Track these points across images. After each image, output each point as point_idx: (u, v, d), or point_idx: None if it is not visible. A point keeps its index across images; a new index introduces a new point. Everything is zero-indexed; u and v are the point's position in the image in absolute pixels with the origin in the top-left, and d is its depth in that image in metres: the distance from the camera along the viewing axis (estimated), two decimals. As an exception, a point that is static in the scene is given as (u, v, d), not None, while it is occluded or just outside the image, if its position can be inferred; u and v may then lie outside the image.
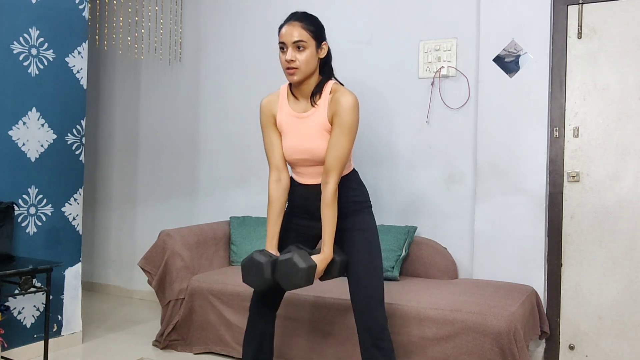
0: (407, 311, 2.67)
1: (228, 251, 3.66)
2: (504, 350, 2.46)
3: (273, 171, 2.26)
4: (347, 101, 2.09)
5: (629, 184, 3.00)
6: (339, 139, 2.10)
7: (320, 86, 2.17)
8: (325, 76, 2.20)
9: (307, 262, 2.04)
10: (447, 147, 3.43)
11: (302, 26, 2.11)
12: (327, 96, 2.16)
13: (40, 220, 3.14)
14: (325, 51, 2.19)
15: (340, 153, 2.10)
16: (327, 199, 2.11)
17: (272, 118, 2.27)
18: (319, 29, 2.17)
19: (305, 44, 2.10)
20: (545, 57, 3.12)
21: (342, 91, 2.14)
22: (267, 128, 2.29)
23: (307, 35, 2.11)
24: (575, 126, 3.11)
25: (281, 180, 2.24)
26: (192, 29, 4.35)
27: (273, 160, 2.26)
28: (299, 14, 2.17)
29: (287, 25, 2.14)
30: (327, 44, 2.21)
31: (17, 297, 2.99)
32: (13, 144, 3.00)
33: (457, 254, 3.38)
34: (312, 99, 2.18)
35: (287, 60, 2.11)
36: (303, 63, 2.10)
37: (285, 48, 2.12)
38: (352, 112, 2.10)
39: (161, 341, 3.28)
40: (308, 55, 2.11)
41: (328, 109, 2.14)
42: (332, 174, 2.11)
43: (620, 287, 3.01)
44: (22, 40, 3.01)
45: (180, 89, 4.41)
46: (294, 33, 2.10)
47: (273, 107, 2.27)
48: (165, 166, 4.48)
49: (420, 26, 3.51)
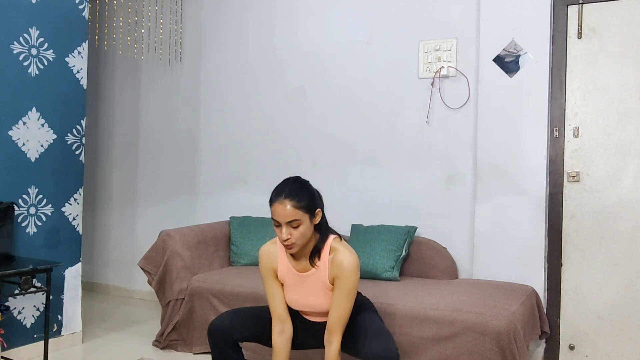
0: (407, 311, 2.67)
1: (228, 251, 3.66)
2: (504, 350, 2.46)
3: (276, 322, 2.27)
4: (348, 265, 2.12)
5: (629, 184, 3.00)
6: (340, 300, 2.14)
7: (319, 246, 2.19)
8: (322, 235, 2.20)
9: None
10: (447, 147, 3.43)
11: (293, 205, 2.07)
12: (327, 256, 2.18)
13: (40, 220, 3.14)
14: (319, 217, 2.18)
15: (342, 313, 2.15)
16: (331, 358, 2.15)
17: (273, 271, 2.29)
18: (310, 200, 2.13)
19: (299, 221, 2.09)
20: (545, 57, 3.12)
21: (342, 252, 2.15)
22: (267, 280, 2.30)
23: (300, 212, 2.08)
24: (575, 126, 3.11)
25: (285, 332, 2.26)
26: (192, 29, 4.35)
27: (276, 311, 2.27)
28: (288, 187, 2.13)
29: (278, 203, 2.09)
30: (321, 208, 2.19)
31: (17, 297, 2.99)
32: (13, 144, 3.00)
33: (457, 254, 3.38)
34: (311, 260, 2.20)
35: (283, 239, 2.11)
36: (299, 238, 2.10)
37: (280, 225, 2.10)
38: (354, 275, 2.13)
39: (161, 341, 3.28)
40: (303, 230, 2.10)
41: (329, 270, 2.17)
42: (336, 334, 2.15)
43: (620, 287, 3.01)
44: (22, 40, 3.01)
45: (180, 89, 4.41)
46: (286, 213, 2.07)
47: (273, 261, 2.28)
48: (165, 166, 4.48)
49: (420, 26, 3.51)
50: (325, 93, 3.82)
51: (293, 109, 3.92)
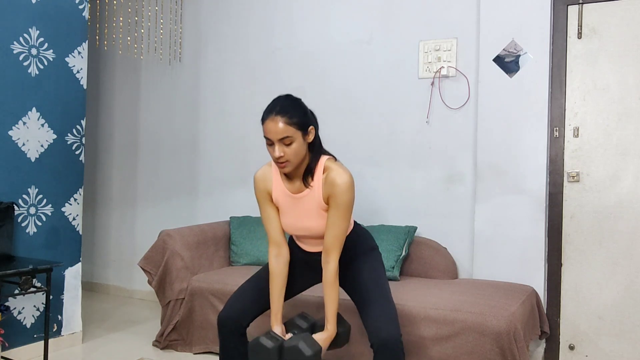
0: (407, 311, 2.67)
1: (228, 251, 3.66)
2: (504, 350, 2.46)
3: (272, 246, 2.25)
4: (343, 182, 2.09)
5: (629, 184, 3.00)
6: (335, 219, 2.11)
7: (312, 165, 2.15)
8: (315, 154, 2.17)
9: (313, 347, 2.06)
10: (447, 147, 3.43)
11: (285, 121, 2.04)
12: (321, 176, 2.14)
13: (40, 220, 3.14)
14: (312, 134, 2.14)
15: (338, 232, 2.12)
16: (329, 279, 2.13)
17: (268, 195, 2.26)
18: (303, 116, 2.09)
19: (291, 138, 2.05)
20: (545, 57, 3.12)
21: (335, 170, 2.12)
22: (263, 203, 2.28)
23: (292, 129, 2.05)
24: (575, 126, 3.11)
25: (281, 255, 2.24)
26: (192, 29, 4.35)
27: (272, 235, 2.25)
28: (279, 104, 2.09)
29: (270, 120, 2.06)
30: (314, 126, 2.16)
31: (17, 297, 2.99)
32: (13, 144, 3.00)
33: (457, 254, 3.38)
34: (304, 180, 2.17)
35: (275, 157, 2.08)
36: (292, 155, 2.07)
37: (272, 143, 2.08)
38: (348, 192, 2.10)
39: (161, 341, 3.28)
40: (296, 147, 2.07)
41: (323, 189, 2.13)
42: (332, 254, 2.13)
43: (620, 287, 3.01)
44: (22, 40, 3.01)
45: (180, 89, 4.41)
46: (278, 129, 2.04)
47: (267, 184, 2.26)
48: (165, 166, 4.48)
49: (420, 26, 3.51)
50: (325, 93, 3.82)
51: (293, 109, 3.92)
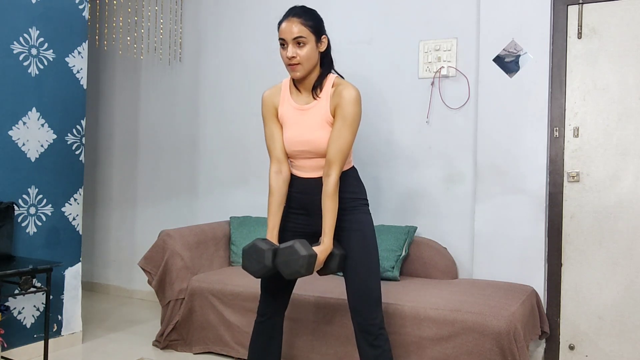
0: (407, 311, 2.67)
1: (228, 251, 3.66)
2: (504, 350, 2.46)
3: (274, 162, 2.26)
4: (349, 94, 2.12)
5: (629, 184, 3.00)
6: (341, 131, 2.12)
7: (322, 79, 2.20)
8: (326, 68, 2.22)
9: (308, 250, 2.06)
10: (447, 147, 3.43)
11: (300, 22, 2.12)
12: (329, 89, 2.18)
13: (40, 220, 3.14)
14: (325, 44, 2.20)
15: (343, 145, 2.12)
16: (329, 190, 2.12)
17: (274, 110, 2.27)
18: (318, 23, 2.18)
19: (305, 40, 2.12)
20: (545, 57, 3.12)
21: (344, 84, 2.17)
22: (268, 120, 2.29)
23: (307, 30, 2.12)
24: (575, 126, 3.11)
25: (282, 172, 2.25)
26: (192, 29, 4.35)
27: (274, 152, 2.26)
28: (297, 8, 2.17)
29: (286, 21, 2.14)
30: (327, 37, 2.22)
31: (17, 297, 2.99)
32: (13, 144, 3.00)
33: (457, 254, 3.38)
34: (313, 91, 2.20)
35: (288, 57, 2.13)
36: (304, 59, 2.12)
37: (286, 44, 2.14)
38: (355, 105, 2.12)
39: (161, 341, 3.28)
40: (309, 51, 2.13)
41: (330, 101, 2.16)
42: (334, 166, 2.12)
43: (620, 287, 3.01)
44: (22, 40, 3.01)
45: (180, 89, 4.41)
46: (293, 29, 2.11)
47: (275, 99, 2.28)
48: (165, 166, 4.48)
49: (420, 26, 3.51)
50: (325, 93, 3.81)
51: (293, 109, 3.92)
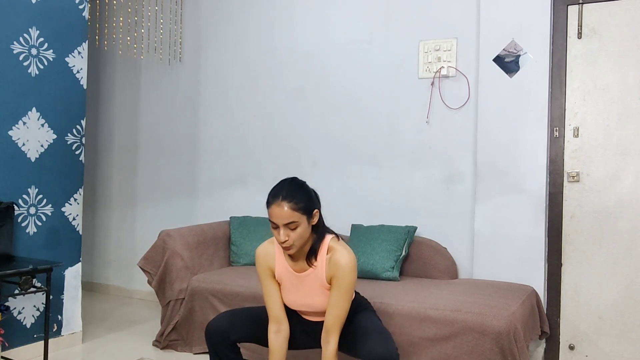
0: (407, 311, 2.67)
1: (228, 251, 3.66)
2: (504, 350, 2.46)
3: (273, 322, 2.26)
4: (346, 264, 2.12)
5: (629, 184, 3.00)
6: (337, 299, 2.14)
7: (316, 246, 2.18)
8: (319, 234, 2.20)
9: None
10: (447, 147, 3.43)
11: (290, 207, 2.07)
12: (325, 256, 2.17)
13: (40, 220, 3.14)
14: (317, 218, 2.18)
15: (340, 313, 2.15)
16: (328, 358, 2.15)
17: (270, 271, 2.28)
18: (307, 201, 2.13)
19: (297, 223, 2.09)
20: (545, 57, 3.12)
21: (340, 252, 2.15)
22: (264, 279, 2.29)
23: (298, 214, 2.08)
24: (575, 126, 3.11)
25: (281, 331, 2.25)
26: (192, 29, 4.35)
27: (273, 312, 2.26)
28: (285, 189, 2.12)
29: (275, 206, 2.09)
30: (319, 210, 2.19)
31: (17, 297, 2.99)
32: (13, 144, 3.00)
33: (457, 254, 3.38)
34: (308, 260, 2.19)
35: (281, 241, 2.11)
36: (297, 239, 2.11)
37: (277, 227, 2.10)
38: (351, 274, 2.14)
39: (161, 341, 3.28)
40: (301, 231, 2.10)
41: (326, 270, 2.17)
42: (333, 334, 2.15)
43: (620, 287, 3.01)
44: (22, 40, 3.01)
45: (180, 89, 4.41)
46: (283, 215, 2.07)
47: (270, 261, 2.27)
48: (165, 166, 4.47)
49: (420, 26, 3.51)
50: (325, 93, 3.82)
51: (293, 109, 3.92)
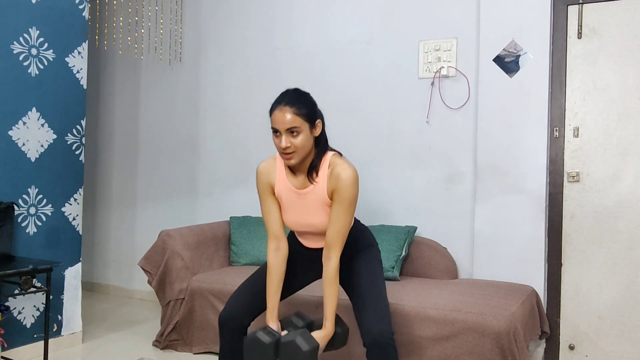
0: (407, 311, 2.67)
1: (228, 251, 3.66)
2: (504, 350, 2.46)
3: (272, 240, 2.24)
4: (347, 177, 2.09)
5: (629, 184, 3.00)
6: (339, 214, 2.11)
7: (317, 161, 2.15)
8: (321, 149, 2.17)
9: (310, 343, 2.04)
10: (447, 147, 3.43)
11: (293, 111, 2.04)
12: (326, 171, 2.14)
13: (40, 220, 3.14)
14: (319, 129, 2.15)
15: (341, 228, 2.12)
16: (329, 275, 2.12)
17: (270, 187, 2.25)
18: (311, 108, 2.11)
19: (299, 129, 2.05)
20: (545, 57, 3.12)
21: (341, 165, 2.12)
22: (264, 196, 2.26)
23: (300, 120, 2.05)
24: (575, 126, 3.11)
25: (280, 249, 2.23)
26: (192, 29, 4.35)
27: (272, 229, 2.24)
28: (288, 96, 2.10)
29: (278, 110, 2.06)
30: (321, 120, 2.17)
31: (17, 297, 2.99)
32: (13, 144, 3.00)
33: (457, 254, 3.38)
34: (309, 175, 2.16)
35: (282, 147, 2.08)
36: (299, 147, 2.07)
37: (279, 133, 2.07)
38: (352, 187, 2.10)
39: (161, 341, 3.28)
40: (303, 139, 2.07)
41: (327, 184, 2.13)
42: (334, 250, 2.12)
43: (620, 287, 3.01)
44: (22, 40, 3.01)
45: (180, 89, 4.41)
46: (286, 120, 2.04)
47: (270, 177, 2.24)
48: (165, 166, 4.47)
49: (420, 26, 3.51)
50: (325, 93, 3.80)
51: (293, 109, 3.92)
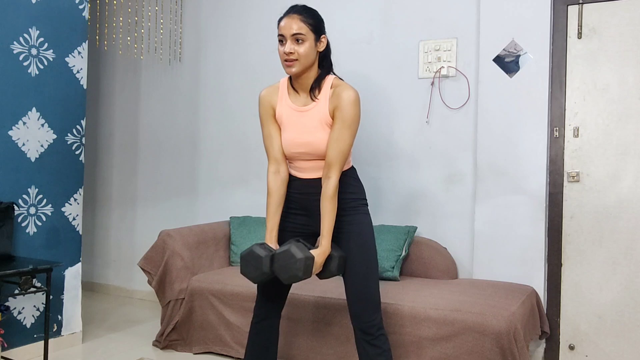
0: (407, 311, 2.67)
1: (228, 251, 3.66)
2: (504, 350, 2.46)
3: (272, 163, 2.26)
4: (348, 96, 2.11)
5: (629, 184, 3.00)
6: (340, 133, 2.11)
7: (320, 80, 2.19)
8: (325, 70, 2.21)
9: (305, 253, 2.05)
10: (447, 147, 3.43)
11: (301, 19, 2.12)
12: (328, 90, 2.17)
13: (40, 220, 3.14)
14: (324, 44, 2.19)
15: (342, 147, 2.12)
16: (328, 193, 2.12)
17: (272, 110, 2.26)
18: (318, 22, 2.17)
19: (304, 37, 2.11)
20: (545, 57, 3.12)
21: (343, 86, 2.15)
22: (266, 120, 2.28)
23: (306, 28, 2.12)
24: (575, 126, 3.12)
25: (280, 172, 2.24)
26: (192, 29, 4.35)
27: (272, 153, 2.26)
28: (298, 6, 2.17)
29: (286, 17, 2.14)
30: (327, 37, 2.22)
31: (17, 297, 2.99)
32: (13, 144, 3.00)
33: (457, 254, 3.38)
34: (311, 93, 2.18)
35: (285, 53, 2.12)
36: (302, 56, 2.11)
37: (284, 40, 2.13)
38: (354, 106, 2.11)
39: (161, 341, 3.28)
40: (307, 48, 2.12)
41: (329, 103, 2.15)
42: (334, 168, 2.12)
43: (620, 287, 3.01)
44: (22, 40, 3.01)
45: (180, 89, 4.41)
46: (292, 26, 2.10)
47: (272, 99, 2.26)
48: (165, 166, 4.48)
49: (420, 26, 3.51)
50: (325, 93, 3.81)
51: (293, 109, 3.92)
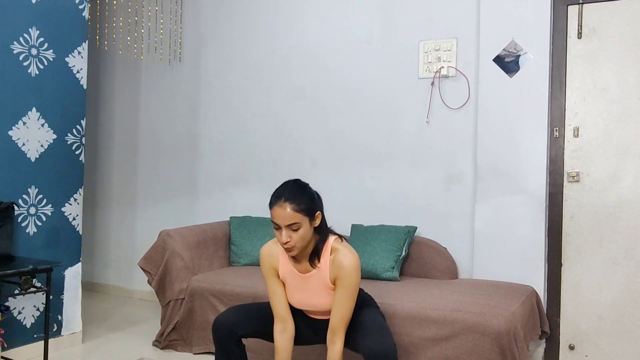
0: (407, 311, 2.67)
1: (228, 251, 3.66)
2: (504, 350, 2.46)
3: (278, 322, 2.28)
4: (349, 265, 2.13)
5: (629, 184, 3.00)
6: (342, 301, 2.15)
7: (319, 248, 2.19)
8: (322, 236, 2.21)
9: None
10: (447, 147, 3.43)
11: (292, 208, 2.08)
12: (328, 256, 2.19)
13: (40, 220, 3.14)
14: (319, 220, 2.18)
15: (344, 313, 2.16)
16: (334, 358, 2.16)
17: (274, 270, 2.30)
18: (310, 203, 2.14)
19: (299, 224, 2.09)
20: (545, 57, 3.12)
21: (343, 252, 2.17)
22: (269, 278, 2.31)
23: (300, 215, 2.09)
24: (575, 126, 3.11)
25: (287, 330, 2.27)
26: (192, 29, 4.35)
27: (278, 311, 2.28)
28: (288, 190, 2.13)
29: (277, 207, 2.10)
30: (321, 211, 2.20)
31: (17, 297, 2.99)
32: (13, 144, 3.00)
33: (457, 254, 3.38)
34: (311, 261, 2.21)
35: (283, 242, 2.12)
36: (299, 240, 2.11)
37: (280, 228, 2.11)
38: (355, 275, 2.15)
39: (161, 341, 3.28)
40: (303, 232, 2.11)
41: (330, 270, 2.18)
42: (339, 334, 2.16)
43: (620, 287, 3.01)
44: (22, 40, 3.01)
45: (180, 89, 4.41)
46: (286, 217, 2.08)
47: (274, 261, 2.30)
48: (165, 166, 4.47)
49: (420, 26, 3.51)
50: (326, 93, 3.82)
51: (293, 108, 3.92)
